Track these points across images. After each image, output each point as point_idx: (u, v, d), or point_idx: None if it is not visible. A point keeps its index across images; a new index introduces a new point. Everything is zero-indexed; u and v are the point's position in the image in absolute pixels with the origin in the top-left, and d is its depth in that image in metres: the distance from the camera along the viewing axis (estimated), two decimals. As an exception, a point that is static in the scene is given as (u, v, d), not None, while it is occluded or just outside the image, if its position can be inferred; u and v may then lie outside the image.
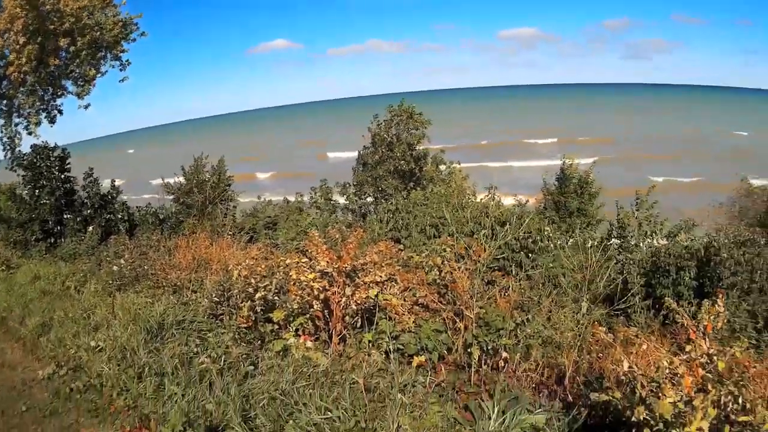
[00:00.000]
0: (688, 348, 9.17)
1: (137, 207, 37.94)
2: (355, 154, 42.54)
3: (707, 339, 9.13)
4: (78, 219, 34.27)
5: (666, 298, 12.14)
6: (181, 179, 39.56)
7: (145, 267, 21.01)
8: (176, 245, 22.11)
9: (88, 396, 12.73)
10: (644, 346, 10.36)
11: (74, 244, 30.67)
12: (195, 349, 13.23)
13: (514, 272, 20.14)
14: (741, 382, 8.84)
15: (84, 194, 35.54)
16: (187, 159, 40.76)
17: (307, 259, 13.98)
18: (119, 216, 35.41)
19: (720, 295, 9.45)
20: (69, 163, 35.67)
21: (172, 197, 39.51)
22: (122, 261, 21.68)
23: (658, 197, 26.59)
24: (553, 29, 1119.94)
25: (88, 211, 34.68)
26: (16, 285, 22.50)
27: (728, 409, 8.72)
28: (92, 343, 14.14)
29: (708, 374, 8.88)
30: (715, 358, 8.96)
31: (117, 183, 37.47)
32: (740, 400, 8.64)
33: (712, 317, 9.20)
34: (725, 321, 9.42)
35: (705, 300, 9.82)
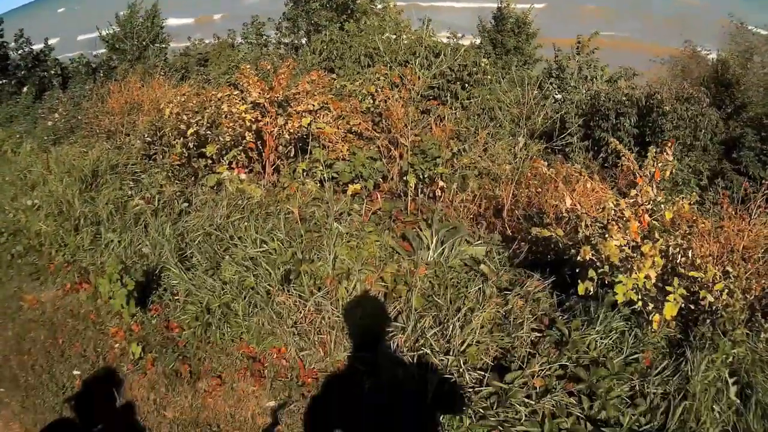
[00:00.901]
0: (633, 192, 9.12)
1: (70, 60, 37.04)
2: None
3: (654, 186, 9.09)
4: (13, 82, 33.76)
5: (611, 139, 12.10)
6: (115, 27, 38.46)
7: (79, 117, 20.96)
8: (109, 91, 21.58)
9: (28, 259, 12.62)
10: (588, 185, 10.31)
11: (9, 108, 30.17)
12: (129, 193, 13.13)
13: (449, 102, 20.09)
14: (689, 235, 8.85)
15: (17, 56, 34.85)
16: (121, 9, 39.94)
17: (238, 92, 13.82)
18: (52, 72, 34.84)
19: (670, 144, 9.38)
20: (2, 30, 34.97)
21: (105, 45, 38.67)
22: (56, 115, 21.56)
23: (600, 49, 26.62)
24: None
25: (22, 73, 34.12)
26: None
27: (676, 261, 8.72)
28: (29, 203, 13.87)
29: (655, 222, 8.87)
30: (663, 206, 8.93)
31: (50, 42, 36.72)
32: (690, 254, 8.64)
33: (659, 164, 9.14)
34: (671, 172, 9.37)
35: (651, 147, 9.76)
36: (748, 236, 9.44)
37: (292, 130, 13.23)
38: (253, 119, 13.13)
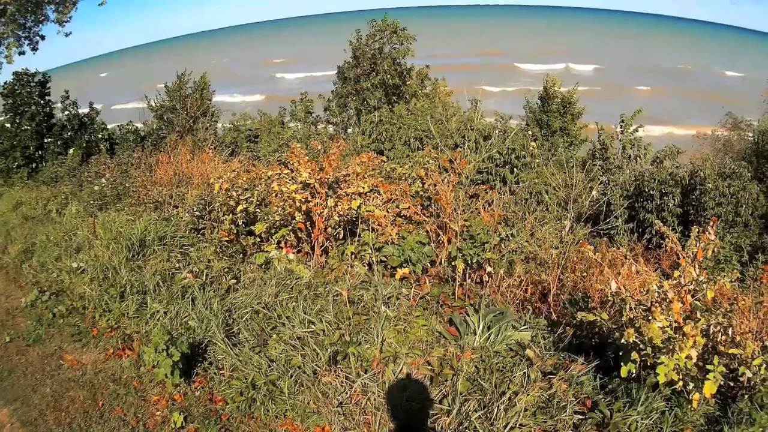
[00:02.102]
0: (676, 274, 9.12)
1: (118, 125, 37.45)
2: (330, 72, 42.26)
3: (696, 266, 9.09)
4: (59, 142, 34.06)
5: (655, 221, 12.10)
6: (164, 96, 38.90)
7: (126, 185, 20.98)
8: (157, 161, 21.73)
9: (71, 320, 12.69)
10: (633, 268, 10.29)
11: (55, 168, 30.43)
12: (177, 265, 13.17)
13: (498, 186, 20.15)
14: (729, 313, 8.84)
15: (63, 117, 35.24)
16: (162, 78, 40.34)
17: (288, 171, 13.86)
18: (99, 136, 35.17)
19: (712, 223, 9.39)
20: (49, 88, 35.38)
21: (153, 114, 38.99)
22: (103, 180, 21.61)
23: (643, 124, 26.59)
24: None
25: (69, 134, 34.44)
26: (-1, 213, 22.18)
27: (716, 339, 8.73)
28: (74, 265, 14.01)
29: (697, 302, 8.86)
30: (704, 286, 8.93)
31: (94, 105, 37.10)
32: (730, 332, 8.64)
33: (702, 244, 9.14)
34: (713, 251, 9.37)
35: (694, 226, 9.76)
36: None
37: (341, 212, 13.25)
38: (303, 200, 13.14)
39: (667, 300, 8.81)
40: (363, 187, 13.50)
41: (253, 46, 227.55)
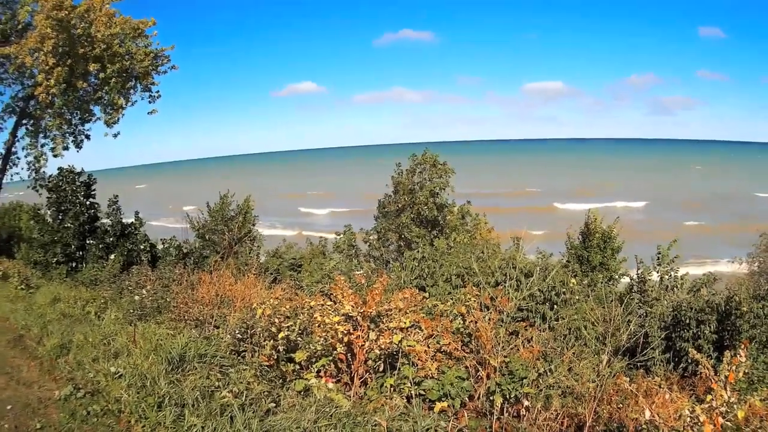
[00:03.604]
0: (708, 398, 9.20)
1: (161, 239, 38.17)
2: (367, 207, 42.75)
3: (728, 389, 9.16)
4: (100, 246, 34.75)
5: (690, 350, 12.16)
6: (206, 215, 39.62)
7: (167, 299, 21.22)
8: (200, 280, 22.03)
9: (104, 420, 12.68)
10: (666, 396, 10.35)
11: (96, 271, 30.99)
12: (216, 383, 13.21)
13: (537, 323, 20.24)
14: (760, 429, 8.89)
15: (107, 222, 35.76)
16: (200, 196, 41.03)
17: (331, 302, 14.01)
18: (141, 247, 35.68)
19: (743, 346, 9.49)
20: (94, 190, 36.03)
21: (195, 232, 39.47)
22: (144, 291, 21.80)
23: (682, 250, 26.60)
24: (577, 83, 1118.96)
25: (111, 239, 35.06)
26: (35, 305, 22.61)
27: (747, 456, 8.78)
28: (112, 369, 14.07)
29: (728, 423, 8.91)
30: (735, 406, 9.00)
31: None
32: (757, 448, 8.71)
33: (733, 367, 9.23)
34: (745, 372, 9.45)
35: (726, 351, 9.85)
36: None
37: (382, 346, 13.35)
38: (346, 331, 13.29)
39: (699, 423, 8.87)
40: (405, 323, 13.62)
41: (269, 175, 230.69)
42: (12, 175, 38.57)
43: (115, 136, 36.07)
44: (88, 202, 35.59)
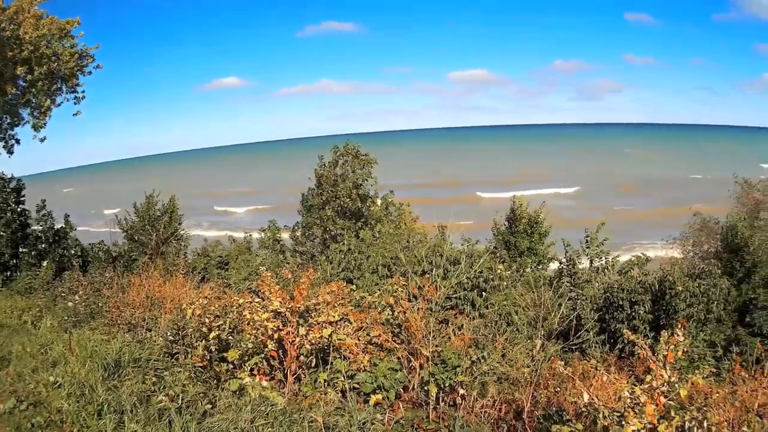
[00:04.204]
0: (648, 378, 9.28)
1: (90, 244, 37.91)
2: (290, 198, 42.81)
3: (668, 368, 9.25)
4: (33, 253, 34.36)
5: (624, 331, 12.28)
6: (133, 216, 39.49)
7: (100, 304, 21.20)
8: (130, 283, 21.94)
9: None
10: (604, 378, 10.45)
11: (29, 279, 30.66)
12: (152, 387, 13.17)
13: (467, 311, 20.33)
14: (704, 407, 8.99)
15: (38, 228, 35.43)
16: (125, 197, 40.87)
17: (260, 299, 14.02)
18: (72, 252, 35.41)
19: (680, 325, 9.59)
20: (24, 196, 35.69)
21: (123, 234, 39.30)
22: (77, 297, 21.86)
23: (618, 231, 26.90)
24: (502, 71, 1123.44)
25: (43, 246, 34.73)
26: (-28, 318, 22.20)
27: (693, 434, 8.86)
28: (51, 379, 13.99)
29: (670, 402, 9.00)
30: (677, 385, 9.08)
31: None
32: (705, 425, 8.78)
33: (671, 347, 9.32)
34: (684, 350, 9.55)
35: (663, 331, 9.95)
36: (763, 394, 9.65)
37: (313, 341, 13.38)
38: (275, 328, 13.31)
39: (640, 404, 8.95)
40: (334, 316, 13.68)
41: (192, 173, 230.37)
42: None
43: (42, 140, 35.61)
44: (19, 209, 35.19)
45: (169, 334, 16.12)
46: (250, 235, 39.91)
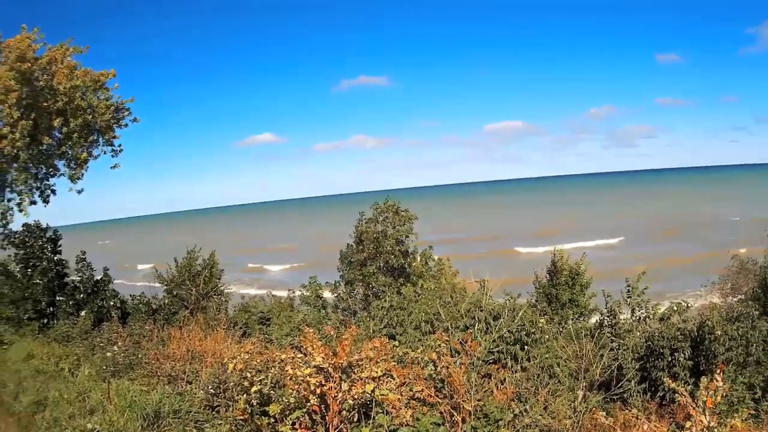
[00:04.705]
0: (688, 424, 9.24)
1: (130, 295, 38.18)
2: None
3: (707, 414, 9.20)
4: (71, 302, 34.65)
5: (665, 378, 12.19)
6: (173, 271, 39.61)
7: (139, 356, 21.19)
8: (170, 336, 22.16)
9: (85, 477, 12.67)
10: (645, 426, 10.39)
11: (67, 327, 30.72)
12: (193, 438, 13.16)
13: (509, 364, 20.24)
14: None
15: (77, 278, 35.70)
16: (159, 252, 41.14)
17: (302, 355, 14.01)
18: (111, 303, 35.61)
19: (719, 370, 9.54)
20: (61, 246, 35.97)
21: (164, 288, 39.50)
22: (116, 348, 21.83)
23: (660, 277, 26.71)
24: (538, 121, 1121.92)
25: (81, 296, 34.97)
26: (9, 361, 22.59)
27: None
28: (89, 426, 14.01)
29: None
30: (716, 430, 9.03)
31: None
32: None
33: (710, 392, 9.28)
34: (723, 395, 9.49)
35: (702, 377, 9.89)
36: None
37: (355, 396, 13.34)
38: (318, 383, 13.26)
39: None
40: (376, 372, 13.63)
41: (227, 228, 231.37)
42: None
43: (80, 192, 35.75)
44: (56, 258, 35.47)
45: (210, 387, 16.10)
46: (293, 292, 39.96)
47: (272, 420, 13.73)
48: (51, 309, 34.60)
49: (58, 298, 34.99)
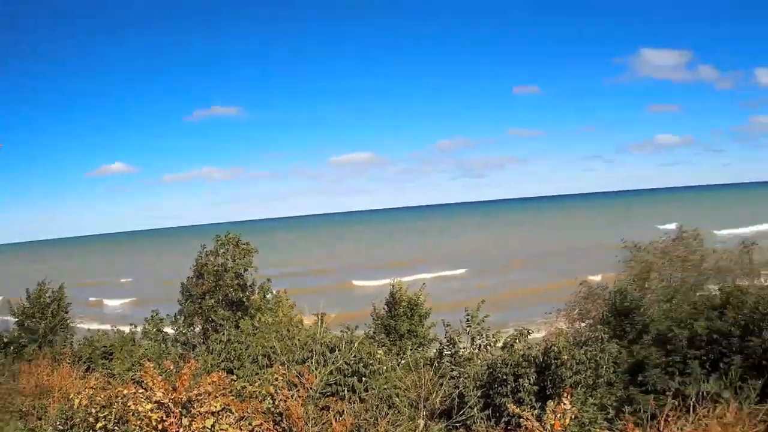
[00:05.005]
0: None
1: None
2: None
3: (554, 435, 9.60)
4: None
5: (508, 404, 12.64)
6: (25, 303, 38.99)
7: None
8: (20, 370, 21.81)
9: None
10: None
11: None
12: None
13: (347, 396, 20.54)
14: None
15: None
16: (17, 284, 40.51)
17: (143, 390, 14.10)
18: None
19: (566, 394, 9.96)
20: None
21: (15, 320, 38.81)
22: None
23: (507, 306, 27.24)
24: (386, 153, 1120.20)
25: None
26: None
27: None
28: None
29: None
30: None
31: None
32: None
33: (558, 415, 9.68)
34: (572, 417, 9.90)
35: (549, 401, 10.32)
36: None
37: (196, 431, 13.50)
38: (159, 419, 13.47)
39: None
40: (215, 406, 13.85)
41: (72, 260, 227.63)
42: None
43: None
44: None
45: (58, 423, 16.16)
46: (135, 326, 39.70)
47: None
48: None
49: None
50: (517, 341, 24.38)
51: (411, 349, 31.25)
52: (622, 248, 39.37)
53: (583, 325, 30.43)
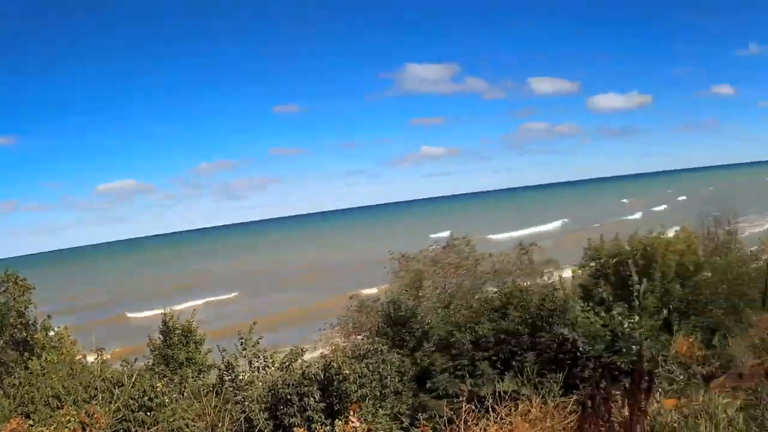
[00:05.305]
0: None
1: None
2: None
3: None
4: None
5: (294, 428, 12.68)
6: None
7: None
8: None
9: None
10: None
11: None
12: None
13: (137, 432, 20.24)
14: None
15: None
16: None
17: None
18: None
19: (352, 411, 10.09)
20: None
21: None
22: None
23: (281, 327, 27.23)
24: (148, 179, 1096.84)
25: None
26: None
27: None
28: None
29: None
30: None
31: None
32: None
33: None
34: (366, 430, 10.03)
35: (337, 420, 10.43)
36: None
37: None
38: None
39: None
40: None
41: None
42: None
43: None
44: None
45: None
46: None
47: None
48: None
49: None
50: (295, 360, 24.49)
51: (192, 377, 30.94)
52: (390, 260, 40.05)
53: (359, 337, 30.71)
